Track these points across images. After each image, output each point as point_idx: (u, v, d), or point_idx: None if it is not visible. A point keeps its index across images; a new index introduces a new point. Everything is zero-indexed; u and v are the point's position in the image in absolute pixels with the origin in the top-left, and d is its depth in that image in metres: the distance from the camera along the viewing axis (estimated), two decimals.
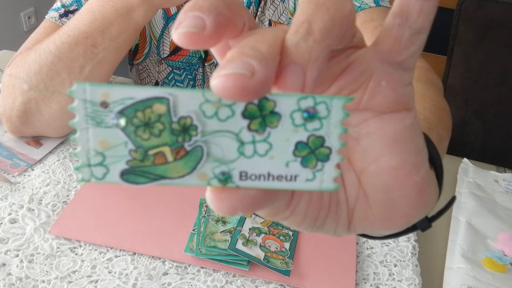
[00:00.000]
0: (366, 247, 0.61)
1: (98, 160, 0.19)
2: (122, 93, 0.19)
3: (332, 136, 0.20)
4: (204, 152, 0.19)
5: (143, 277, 0.55)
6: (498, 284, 0.57)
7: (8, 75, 0.68)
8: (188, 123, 0.19)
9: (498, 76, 0.99)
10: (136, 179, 0.20)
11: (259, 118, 0.19)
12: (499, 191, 0.72)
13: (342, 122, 0.20)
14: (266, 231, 0.60)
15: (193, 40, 0.19)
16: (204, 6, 0.19)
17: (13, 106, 0.67)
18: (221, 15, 0.20)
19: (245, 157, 0.20)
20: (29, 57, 0.66)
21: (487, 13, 0.95)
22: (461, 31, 0.98)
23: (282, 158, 0.20)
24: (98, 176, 0.19)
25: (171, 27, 0.79)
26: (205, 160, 0.20)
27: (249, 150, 0.20)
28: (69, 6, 0.75)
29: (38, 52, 0.65)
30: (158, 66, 0.84)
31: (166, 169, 0.19)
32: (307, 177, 0.20)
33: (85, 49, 0.63)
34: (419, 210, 0.25)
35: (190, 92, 0.19)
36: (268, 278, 0.55)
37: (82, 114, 0.19)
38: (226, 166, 0.20)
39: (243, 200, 0.20)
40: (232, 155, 0.20)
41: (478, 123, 1.04)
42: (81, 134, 0.19)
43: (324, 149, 0.20)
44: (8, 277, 0.53)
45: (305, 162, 0.20)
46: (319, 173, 0.20)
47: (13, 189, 0.64)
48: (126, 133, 0.19)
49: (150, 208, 0.63)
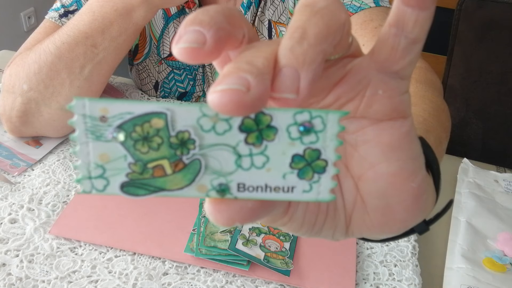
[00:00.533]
0: (366, 247, 0.61)
1: (98, 172, 0.20)
2: (121, 108, 0.19)
3: (328, 149, 0.20)
4: (202, 165, 0.20)
5: (143, 277, 0.55)
6: (498, 284, 0.57)
7: (8, 75, 0.68)
8: (186, 137, 0.19)
9: (498, 76, 0.99)
10: (135, 191, 0.20)
11: (256, 131, 0.20)
12: (499, 191, 0.72)
13: (338, 135, 0.20)
14: (266, 231, 0.60)
15: (193, 55, 0.19)
16: (205, 20, 0.20)
17: (13, 106, 0.67)
18: (221, 29, 0.20)
19: (243, 169, 0.20)
20: (29, 57, 0.66)
21: (487, 13, 0.95)
22: (461, 31, 0.98)
23: (279, 170, 0.20)
24: (98, 188, 0.20)
25: (171, 27, 0.79)
26: (203, 172, 0.20)
27: (247, 162, 0.20)
28: (69, 6, 0.75)
29: (38, 52, 0.65)
30: (158, 66, 0.84)
31: (165, 182, 0.20)
32: (304, 189, 0.21)
33: (85, 49, 0.63)
34: (416, 215, 0.25)
35: (188, 107, 0.19)
36: (268, 278, 0.55)
37: (82, 129, 0.19)
38: (224, 178, 0.20)
39: (241, 212, 0.21)
40: (229, 167, 0.20)
41: (478, 123, 1.04)
42: (82, 148, 0.19)
43: (321, 162, 0.20)
44: (8, 277, 0.53)
45: (301, 174, 0.20)
46: (315, 184, 0.20)
47: (13, 189, 0.64)
48: (125, 146, 0.19)
49: (150, 208, 0.63)
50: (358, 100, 0.23)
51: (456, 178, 0.74)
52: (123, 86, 0.87)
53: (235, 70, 0.19)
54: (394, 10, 0.22)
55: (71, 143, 0.73)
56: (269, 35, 0.77)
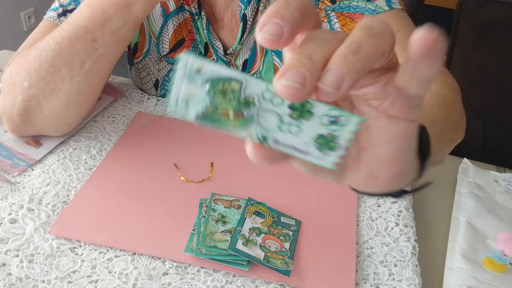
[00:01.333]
0: (366, 247, 0.61)
1: (183, 103, 0.28)
2: (213, 68, 0.27)
3: (343, 138, 0.29)
4: (255, 120, 0.28)
5: (143, 277, 0.55)
6: (498, 284, 0.57)
7: (9, 73, 0.68)
8: (250, 100, 0.28)
9: (498, 76, 0.99)
10: (204, 121, 0.28)
11: (299, 111, 0.28)
12: (499, 191, 0.72)
13: (354, 132, 0.28)
14: (266, 231, 0.60)
15: (271, 45, 0.27)
16: (285, 15, 0.26)
17: (13, 105, 0.67)
18: (297, 25, 0.27)
19: (281, 131, 0.28)
20: (29, 55, 0.66)
21: (487, 13, 0.95)
22: (461, 31, 0.98)
23: (305, 140, 0.29)
24: (180, 112, 0.28)
25: (170, 24, 0.80)
26: (254, 124, 0.28)
27: (285, 128, 0.28)
28: (67, 5, 0.75)
29: (39, 49, 0.65)
30: (158, 64, 0.84)
31: (226, 122, 0.28)
32: (317, 156, 0.29)
33: (85, 44, 0.63)
34: (393, 186, 0.34)
35: (259, 82, 0.27)
36: (268, 278, 0.55)
37: (181, 72, 0.27)
38: (266, 132, 0.29)
39: (269, 156, 0.29)
40: (273, 127, 0.28)
41: (478, 123, 1.04)
42: (176, 83, 0.27)
43: (335, 144, 0.29)
44: (8, 277, 0.53)
45: (320, 147, 0.29)
46: (326, 156, 0.29)
47: (13, 189, 0.64)
48: (209, 93, 0.27)
49: (150, 208, 0.63)
50: (382, 100, 0.30)
51: (456, 178, 0.74)
52: (123, 86, 0.87)
53: (298, 64, 0.26)
54: (405, 64, 0.28)
55: (71, 143, 0.73)
56: None
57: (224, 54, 0.80)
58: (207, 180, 0.68)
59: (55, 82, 0.65)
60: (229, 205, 0.63)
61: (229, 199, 0.64)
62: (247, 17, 0.76)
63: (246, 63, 0.81)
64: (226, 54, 0.80)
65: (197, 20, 0.79)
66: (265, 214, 0.62)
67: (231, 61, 0.81)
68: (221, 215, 0.61)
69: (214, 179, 0.68)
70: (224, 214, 0.61)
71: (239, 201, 0.64)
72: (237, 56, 0.81)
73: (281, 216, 0.63)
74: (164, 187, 0.66)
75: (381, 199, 0.68)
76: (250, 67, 0.81)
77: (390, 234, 0.62)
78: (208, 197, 0.64)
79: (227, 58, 0.80)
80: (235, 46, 0.79)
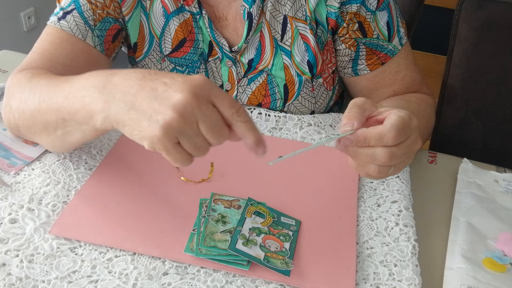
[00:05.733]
0: (366, 247, 0.61)
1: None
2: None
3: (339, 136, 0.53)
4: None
5: (143, 277, 0.55)
6: (498, 284, 0.57)
7: (13, 84, 0.67)
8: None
9: (498, 76, 0.99)
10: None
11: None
12: (499, 191, 0.72)
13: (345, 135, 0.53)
14: (266, 231, 0.60)
15: (346, 142, 0.53)
16: (355, 117, 0.53)
17: (10, 119, 0.69)
18: (360, 122, 0.53)
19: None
20: (24, 92, 0.65)
21: (487, 13, 0.95)
22: (461, 31, 0.98)
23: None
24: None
25: (171, 24, 0.80)
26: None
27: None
28: (67, 7, 0.76)
29: (27, 93, 0.64)
30: (161, 63, 0.84)
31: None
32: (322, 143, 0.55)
33: (56, 119, 0.60)
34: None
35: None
36: (268, 278, 0.55)
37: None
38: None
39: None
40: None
41: (478, 123, 1.04)
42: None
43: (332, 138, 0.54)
44: (8, 277, 0.53)
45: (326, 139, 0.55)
46: (327, 143, 0.52)
47: (13, 189, 0.64)
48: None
49: (150, 208, 0.63)
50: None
51: (456, 178, 0.74)
52: None
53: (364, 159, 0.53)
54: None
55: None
56: (282, 30, 0.80)
57: (230, 50, 0.81)
58: (207, 180, 0.68)
59: (35, 131, 0.65)
60: (229, 205, 0.63)
61: (229, 199, 0.64)
62: (253, 15, 0.77)
63: (252, 62, 0.83)
64: (231, 51, 0.81)
65: (199, 20, 0.79)
66: (265, 214, 0.62)
67: (237, 58, 0.82)
68: (221, 215, 0.61)
69: (214, 179, 0.68)
70: (224, 214, 0.61)
71: (239, 201, 0.64)
72: (242, 54, 0.82)
73: (281, 216, 0.63)
74: (164, 187, 0.66)
75: (381, 199, 0.68)
76: (255, 65, 0.83)
77: (390, 234, 0.62)
78: (208, 197, 0.64)
79: (232, 55, 0.82)
80: (241, 44, 0.80)
